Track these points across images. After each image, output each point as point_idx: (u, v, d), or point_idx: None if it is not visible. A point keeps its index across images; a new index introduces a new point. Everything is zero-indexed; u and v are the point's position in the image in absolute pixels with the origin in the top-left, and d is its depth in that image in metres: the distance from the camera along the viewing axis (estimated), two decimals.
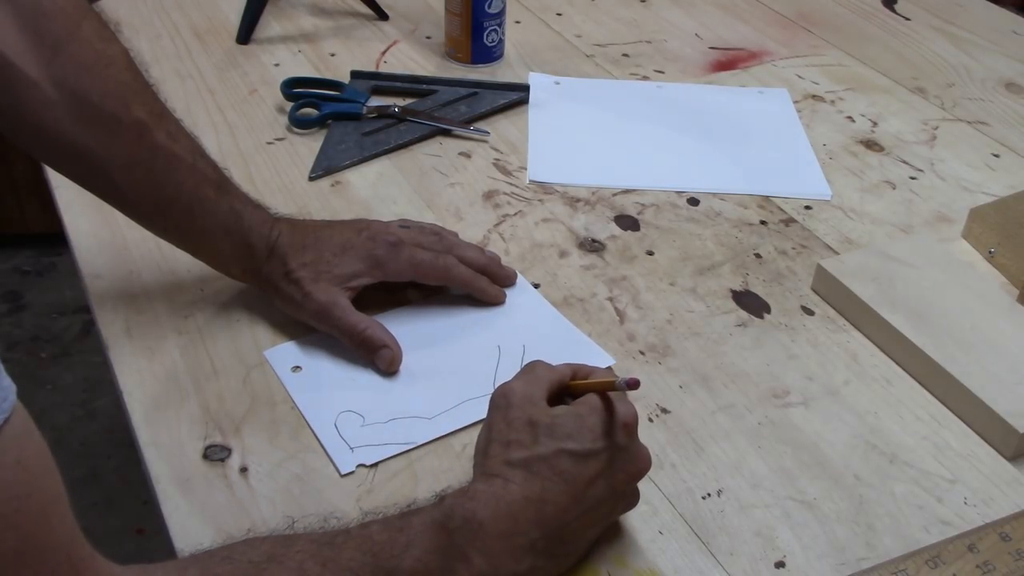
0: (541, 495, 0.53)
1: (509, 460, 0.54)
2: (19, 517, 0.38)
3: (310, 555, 0.49)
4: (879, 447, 0.66)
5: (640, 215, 0.87)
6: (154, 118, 0.69)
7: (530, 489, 0.53)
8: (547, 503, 0.53)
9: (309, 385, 0.68)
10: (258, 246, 0.71)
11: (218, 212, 0.71)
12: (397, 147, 0.95)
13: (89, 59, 0.66)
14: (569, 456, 0.54)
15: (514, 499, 0.52)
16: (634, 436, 0.56)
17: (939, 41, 1.19)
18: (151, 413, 0.66)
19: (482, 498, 0.52)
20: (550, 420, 0.55)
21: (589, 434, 0.54)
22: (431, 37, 1.15)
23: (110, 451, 1.71)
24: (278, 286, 0.71)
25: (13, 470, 0.38)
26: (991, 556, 0.59)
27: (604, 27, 1.19)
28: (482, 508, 0.52)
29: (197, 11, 1.17)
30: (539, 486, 0.53)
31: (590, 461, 0.54)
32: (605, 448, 0.55)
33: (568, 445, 0.54)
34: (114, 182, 0.68)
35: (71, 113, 0.65)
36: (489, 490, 0.53)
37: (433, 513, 0.52)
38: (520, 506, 0.52)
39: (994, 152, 0.99)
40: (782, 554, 0.59)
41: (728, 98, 1.06)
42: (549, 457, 0.54)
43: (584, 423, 0.55)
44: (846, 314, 0.76)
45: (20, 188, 2.02)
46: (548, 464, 0.53)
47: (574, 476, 0.54)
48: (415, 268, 0.73)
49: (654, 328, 0.75)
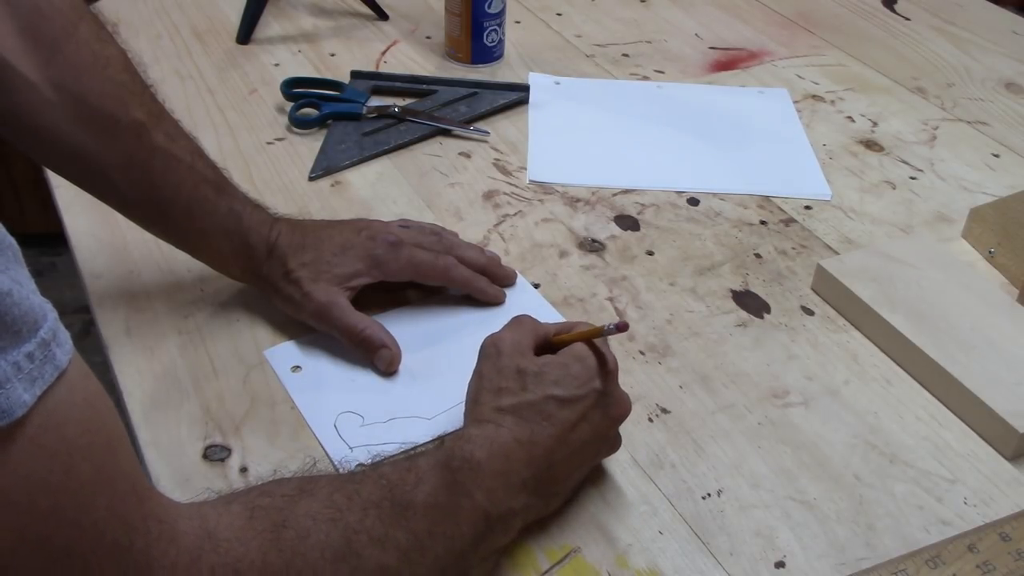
0: (531, 438, 0.56)
1: (500, 406, 0.57)
2: (92, 450, 0.41)
3: (336, 488, 0.52)
4: (879, 447, 0.66)
5: (640, 215, 0.87)
6: (152, 119, 0.69)
7: (520, 432, 0.56)
8: (536, 445, 0.56)
9: (309, 385, 0.68)
10: (257, 246, 0.71)
11: (217, 213, 0.71)
12: (397, 147, 0.95)
13: (87, 60, 0.66)
14: (555, 401, 0.57)
15: (506, 441, 0.55)
16: (615, 382, 0.60)
17: (939, 41, 1.20)
18: (151, 413, 0.66)
19: (477, 440, 0.55)
20: (537, 368, 0.58)
21: (574, 381, 0.58)
22: (431, 37, 1.15)
23: None
24: (277, 286, 0.71)
25: (82, 408, 0.41)
26: (991, 556, 0.59)
27: (604, 27, 1.19)
28: (478, 449, 0.55)
29: (197, 11, 1.17)
30: (528, 430, 0.56)
31: (575, 406, 0.57)
32: (588, 394, 0.58)
33: (554, 391, 0.57)
34: (112, 183, 0.68)
35: (69, 114, 0.65)
36: (483, 433, 0.56)
37: (436, 455, 0.55)
38: (512, 447, 0.55)
39: (994, 152, 0.99)
40: (782, 554, 0.59)
41: (728, 98, 1.06)
42: (537, 403, 0.57)
43: (569, 371, 0.58)
44: (846, 314, 0.76)
45: (20, 188, 2.02)
46: (536, 409, 0.57)
47: (560, 420, 0.57)
48: (415, 268, 0.73)
49: (654, 328, 0.75)
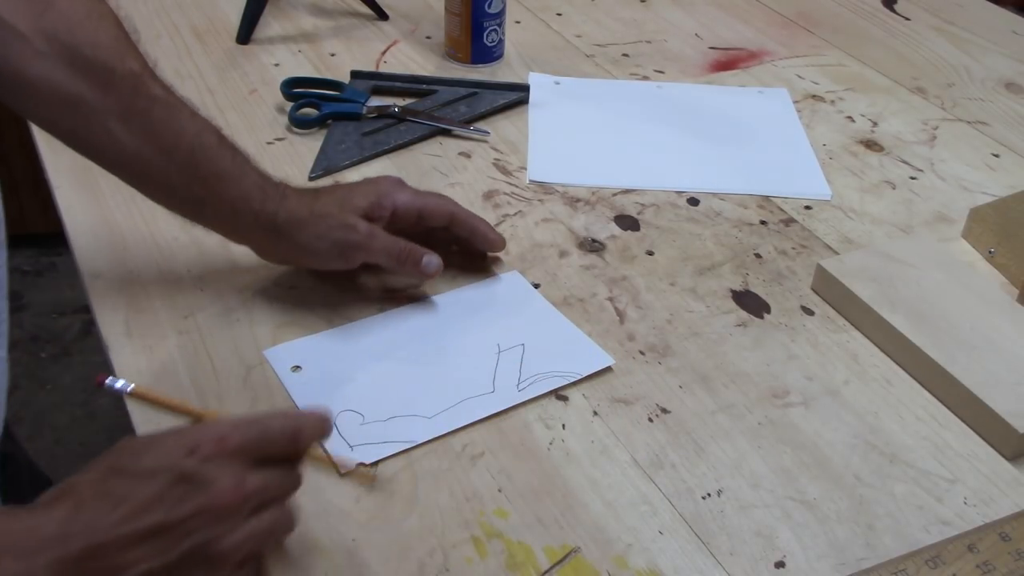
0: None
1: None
2: None
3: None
4: (879, 447, 0.66)
5: (640, 215, 0.87)
6: (147, 72, 0.67)
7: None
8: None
9: (309, 385, 0.68)
10: (270, 187, 0.70)
11: (223, 158, 0.68)
12: (397, 147, 0.95)
13: (80, 14, 0.65)
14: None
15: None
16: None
17: (939, 41, 1.20)
18: (151, 413, 0.66)
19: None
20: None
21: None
22: (431, 37, 1.15)
23: None
24: (304, 222, 0.69)
25: None
26: (991, 556, 0.59)
27: (604, 27, 1.19)
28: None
29: (197, 11, 1.17)
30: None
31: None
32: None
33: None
34: (110, 132, 0.66)
35: (63, 64, 0.64)
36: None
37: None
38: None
39: (994, 152, 0.99)
40: (782, 554, 0.59)
41: (728, 98, 1.06)
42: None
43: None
44: (846, 314, 0.76)
45: (20, 188, 2.02)
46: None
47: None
48: (422, 201, 0.74)
49: (654, 328, 0.75)
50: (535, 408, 0.67)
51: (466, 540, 0.59)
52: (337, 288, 0.76)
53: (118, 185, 0.71)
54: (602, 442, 0.65)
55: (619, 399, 0.69)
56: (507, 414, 0.67)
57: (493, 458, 0.64)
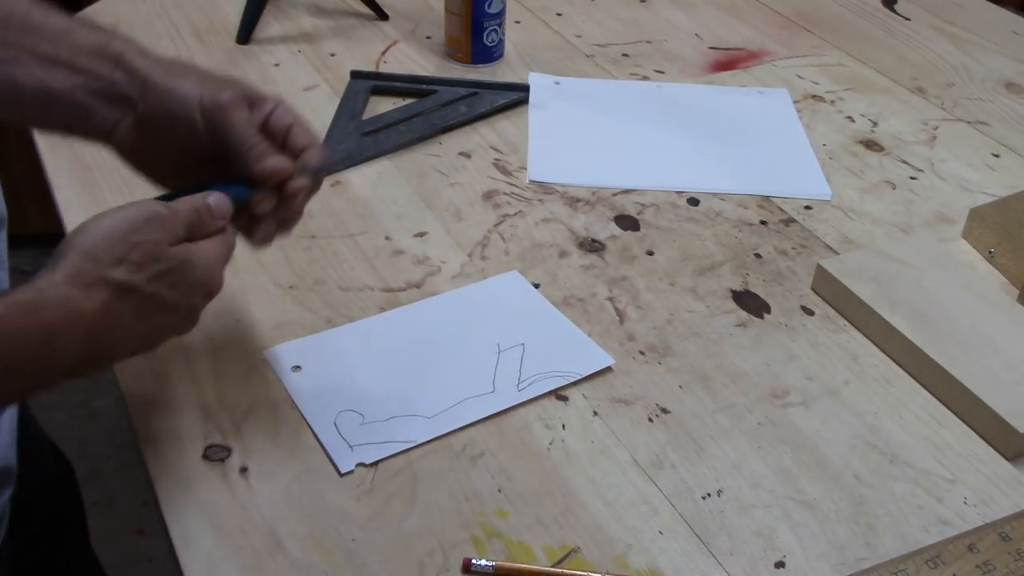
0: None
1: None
2: None
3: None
4: (879, 447, 0.66)
5: (640, 215, 0.87)
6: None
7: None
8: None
9: (309, 384, 0.68)
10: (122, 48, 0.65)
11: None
12: (397, 147, 0.95)
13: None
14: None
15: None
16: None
17: (939, 41, 1.20)
18: (151, 413, 0.66)
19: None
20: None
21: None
22: (431, 37, 1.15)
23: (110, 451, 1.71)
24: (158, 87, 0.65)
25: None
26: (991, 556, 0.59)
27: (604, 27, 1.20)
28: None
29: (197, 11, 1.17)
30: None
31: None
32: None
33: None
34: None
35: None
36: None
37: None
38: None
39: (994, 152, 0.99)
40: (782, 554, 0.59)
41: (728, 98, 1.06)
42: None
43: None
44: (846, 314, 0.76)
45: (20, 188, 2.01)
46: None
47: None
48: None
49: (654, 328, 0.75)
50: (535, 408, 0.67)
51: (466, 540, 0.59)
52: (337, 288, 0.76)
53: (118, 185, 0.72)
54: (602, 442, 0.65)
55: (619, 399, 0.69)
56: (507, 414, 0.67)
57: (493, 458, 0.64)
